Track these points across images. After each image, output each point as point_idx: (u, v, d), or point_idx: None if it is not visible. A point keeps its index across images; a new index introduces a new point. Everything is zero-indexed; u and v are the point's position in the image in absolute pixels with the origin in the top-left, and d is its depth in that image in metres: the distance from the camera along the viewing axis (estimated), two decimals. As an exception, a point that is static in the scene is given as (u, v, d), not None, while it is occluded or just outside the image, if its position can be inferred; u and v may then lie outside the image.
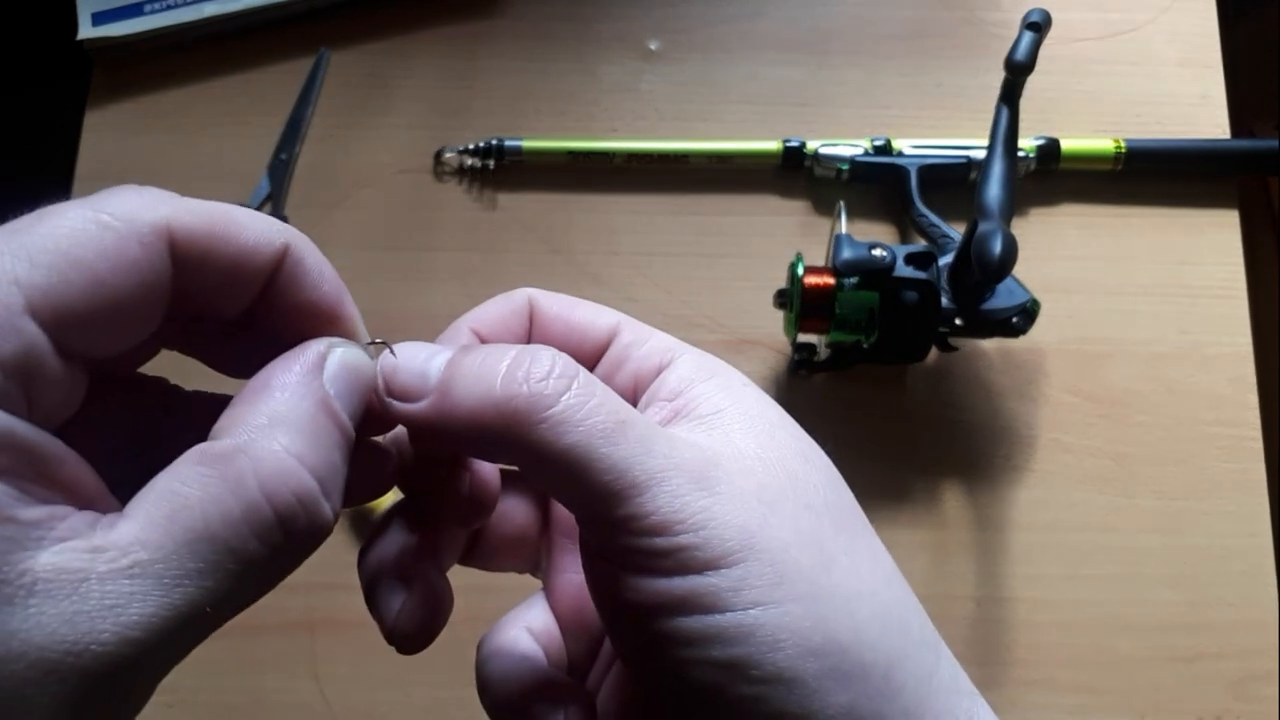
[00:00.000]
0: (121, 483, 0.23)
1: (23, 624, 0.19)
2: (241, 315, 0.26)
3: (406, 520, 0.29)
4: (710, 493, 0.24)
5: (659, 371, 0.28)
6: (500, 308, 0.29)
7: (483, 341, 0.29)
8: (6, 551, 0.19)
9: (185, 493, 0.21)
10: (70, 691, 0.19)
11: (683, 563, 0.24)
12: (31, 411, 0.21)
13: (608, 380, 0.26)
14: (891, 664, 0.24)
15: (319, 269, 0.25)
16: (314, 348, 0.25)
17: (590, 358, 0.29)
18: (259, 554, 0.22)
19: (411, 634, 0.28)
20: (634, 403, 0.27)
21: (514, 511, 0.31)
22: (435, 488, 0.28)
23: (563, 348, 0.26)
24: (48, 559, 0.19)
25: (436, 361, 0.26)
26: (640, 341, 0.29)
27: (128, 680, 0.20)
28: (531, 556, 0.32)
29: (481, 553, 0.31)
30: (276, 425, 0.23)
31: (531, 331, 0.30)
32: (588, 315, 0.30)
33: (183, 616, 0.20)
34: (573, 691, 0.29)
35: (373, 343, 0.26)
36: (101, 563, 0.20)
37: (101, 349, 0.22)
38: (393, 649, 0.29)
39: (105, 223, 0.22)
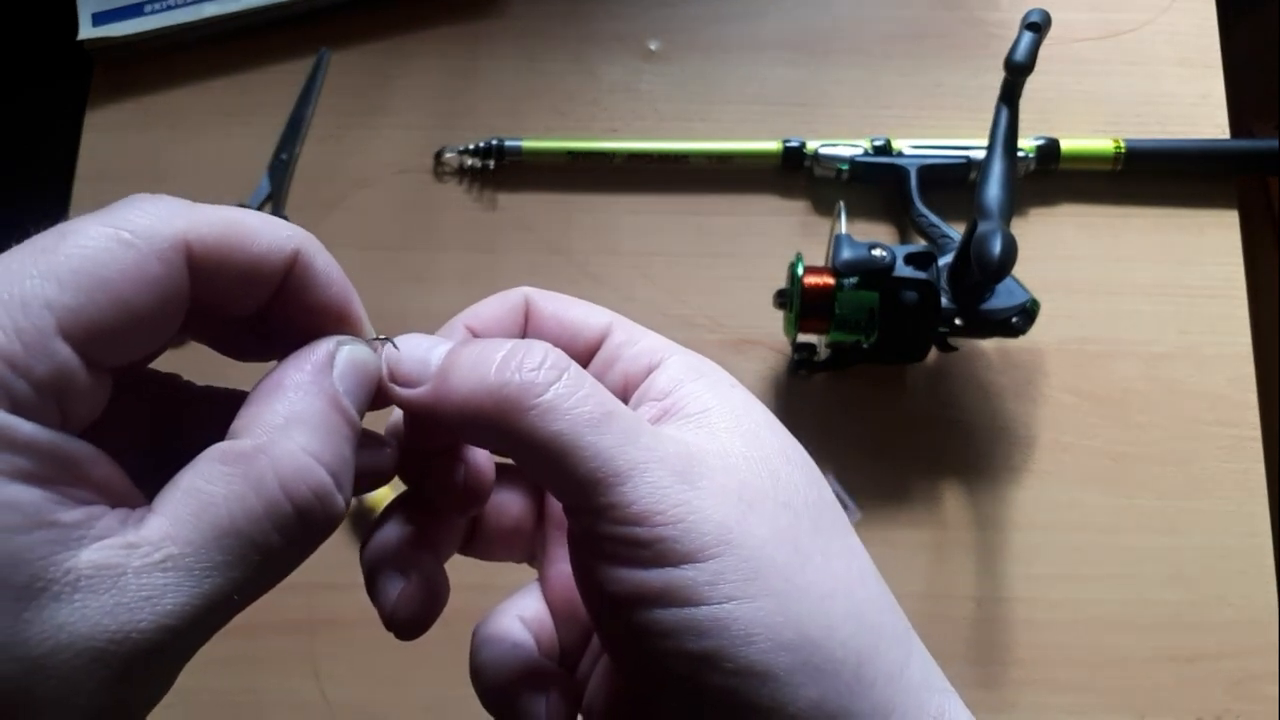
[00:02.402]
0: (142, 474, 0.24)
1: (69, 617, 0.21)
2: (254, 313, 0.27)
3: (406, 513, 0.30)
4: (691, 487, 0.25)
5: (649, 371, 0.29)
6: (496, 305, 0.30)
7: (478, 338, 0.30)
8: (52, 553, 0.21)
9: (211, 490, 0.23)
10: (113, 675, 0.21)
11: (660, 554, 0.24)
12: (64, 421, 0.22)
13: (599, 378, 0.27)
14: (862, 661, 0.25)
15: (328, 271, 0.27)
16: (323, 346, 0.26)
17: (582, 356, 0.30)
18: (279, 545, 0.23)
19: (408, 621, 0.29)
20: (624, 401, 0.28)
21: (510, 504, 0.32)
22: (432, 477, 0.30)
23: (556, 345, 0.27)
24: (88, 556, 0.21)
25: (438, 351, 0.27)
26: (632, 342, 0.30)
27: (162, 662, 0.22)
28: (527, 547, 0.33)
29: (479, 543, 0.32)
30: (293, 424, 0.24)
31: (526, 330, 0.30)
32: (581, 314, 0.30)
33: (212, 604, 0.22)
34: (557, 678, 0.30)
35: (377, 339, 0.28)
36: (136, 558, 0.21)
37: (125, 358, 0.24)
38: (392, 647, 0.30)
39: (126, 240, 0.23)
